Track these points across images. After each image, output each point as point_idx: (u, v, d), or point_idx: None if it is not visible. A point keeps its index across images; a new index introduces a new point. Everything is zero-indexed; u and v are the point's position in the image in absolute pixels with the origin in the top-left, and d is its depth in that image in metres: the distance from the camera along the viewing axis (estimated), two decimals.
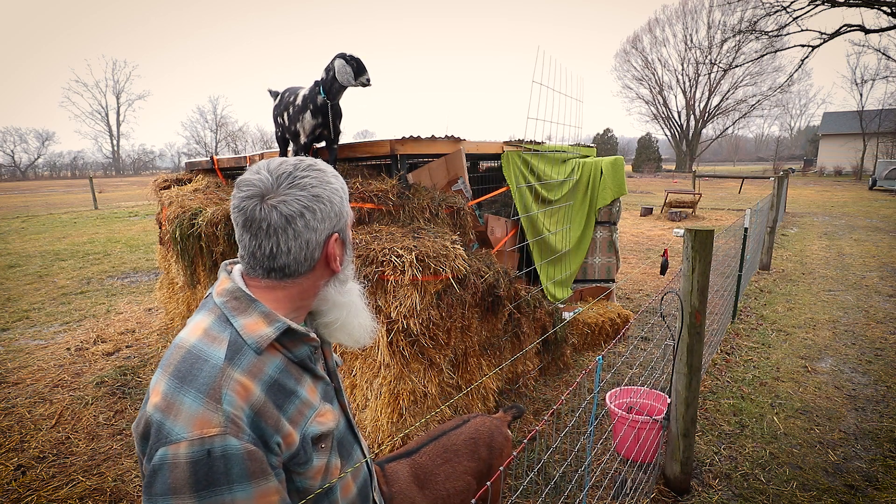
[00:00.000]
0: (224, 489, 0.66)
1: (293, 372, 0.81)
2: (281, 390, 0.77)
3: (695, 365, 2.37)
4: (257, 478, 0.69)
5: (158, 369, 0.75)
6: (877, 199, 18.06)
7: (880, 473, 2.61)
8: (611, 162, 4.67)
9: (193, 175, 5.07)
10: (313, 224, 0.80)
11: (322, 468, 0.82)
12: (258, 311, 0.79)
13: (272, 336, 0.78)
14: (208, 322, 0.79)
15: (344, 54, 2.76)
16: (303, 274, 0.83)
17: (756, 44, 25.10)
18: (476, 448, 1.59)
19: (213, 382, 0.70)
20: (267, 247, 0.79)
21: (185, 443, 0.66)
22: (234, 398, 0.70)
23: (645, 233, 10.78)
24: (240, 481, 0.67)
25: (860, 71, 44.16)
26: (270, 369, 0.77)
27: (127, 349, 4.47)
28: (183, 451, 0.66)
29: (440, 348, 2.70)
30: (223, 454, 0.67)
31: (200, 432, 0.67)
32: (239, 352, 0.75)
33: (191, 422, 0.67)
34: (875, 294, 5.88)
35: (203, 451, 0.66)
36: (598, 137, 46.59)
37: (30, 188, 35.72)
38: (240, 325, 0.78)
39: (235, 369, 0.73)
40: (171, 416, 0.68)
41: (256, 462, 0.69)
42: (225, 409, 0.69)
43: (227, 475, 0.67)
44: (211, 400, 0.69)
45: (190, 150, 60.99)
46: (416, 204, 2.95)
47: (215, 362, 0.73)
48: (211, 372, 0.71)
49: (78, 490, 2.57)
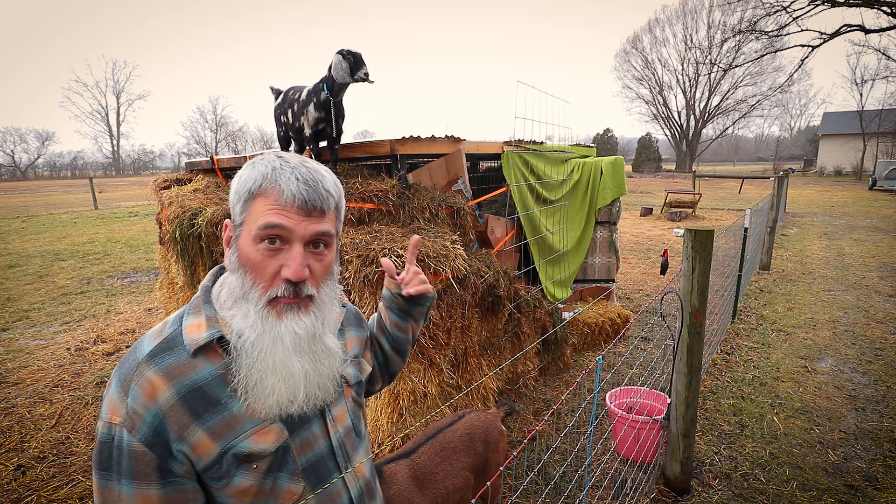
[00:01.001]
0: (115, 477, 0.69)
1: (229, 381, 0.76)
2: (203, 398, 0.73)
3: (695, 365, 2.37)
4: (140, 479, 0.69)
5: None
6: (877, 199, 18.06)
7: (880, 473, 2.61)
8: (611, 162, 4.67)
9: (193, 175, 5.07)
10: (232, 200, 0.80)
11: (250, 489, 0.76)
12: (205, 314, 0.78)
13: (202, 341, 0.75)
14: (173, 316, 0.81)
15: (342, 50, 2.76)
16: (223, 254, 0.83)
17: (756, 44, 25.11)
18: (472, 443, 1.60)
19: (128, 374, 0.72)
20: None
21: (102, 423, 0.71)
22: (139, 395, 0.70)
23: (645, 233, 10.78)
24: (126, 476, 0.69)
25: (860, 71, 44.21)
26: (198, 375, 0.74)
27: (127, 349, 4.47)
28: (101, 429, 0.71)
29: (440, 348, 2.70)
30: (118, 445, 0.69)
31: (110, 418, 0.70)
32: (168, 350, 0.74)
33: (108, 405, 0.72)
34: (875, 294, 5.88)
35: (109, 435, 0.70)
36: (598, 137, 46.60)
37: (30, 188, 35.73)
38: (185, 325, 0.77)
39: (152, 367, 0.72)
40: (105, 395, 0.73)
41: (142, 464, 0.69)
42: (128, 403, 0.70)
43: (118, 465, 0.69)
44: (121, 391, 0.71)
45: (190, 150, 61.07)
46: (416, 204, 2.95)
47: (138, 356, 0.74)
48: (131, 364, 0.73)
49: (78, 490, 2.57)
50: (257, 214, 0.75)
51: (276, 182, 0.75)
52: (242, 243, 0.77)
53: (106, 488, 0.69)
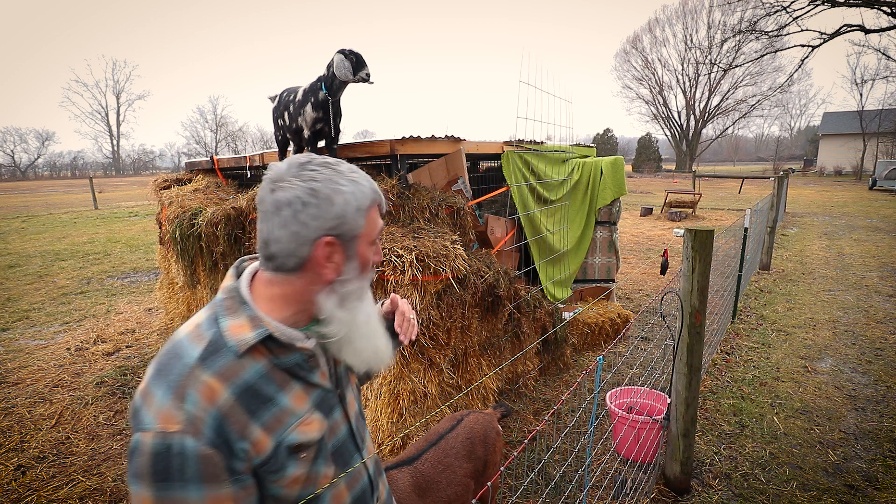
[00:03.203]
0: (178, 486, 0.68)
1: (276, 378, 0.80)
2: (255, 396, 0.76)
3: (695, 365, 2.37)
4: (210, 482, 0.69)
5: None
6: (877, 199, 18.06)
7: (880, 473, 2.61)
8: (611, 162, 4.67)
9: (193, 175, 5.07)
10: (302, 218, 0.78)
11: (300, 477, 0.80)
12: (246, 314, 0.79)
13: (252, 341, 0.77)
14: (202, 318, 0.80)
15: (344, 49, 2.76)
16: (293, 271, 0.81)
17: (756, 44, 25.13)
18: (473, 448, 1.60)
19: (180, 380, 0.71)
20: (264, 231, 0.80)
21: (151, 433, 0.69)
22: (198, 399, 0.71)
23: (645, 233, 10.78)
24: (193, 481, 0.68)
25: (860, 71, 44.17)
26: (248, 374, 0.76)
27: (127, 349, 4.47)
28: (149, 440, 0.68)
29: (440, 348, 2.70)
30: (180, 452, 0.68)
31: (164, 427, 0.68)
32: (216, 353, 0.75)
33: (157, 415, 0.69)
34: (875, 294, 5.88)
35: (164, 445, 0.68)
36: (598, 137, 46.59)
37: (30, 188, 35.73)
38: (225, 326, 0.78)
39: (206, 371, 0.73)
40: (145, 405, 0.71)
41: (211, 466, 0.69)
42: (187, 409, 0.69)
43: (181, 473, 0.68)
44: (176, 398, 0.70)
45: (190, 150, 61.05)
46: (416, 204, 2.95)
47: (187, 361, 0.74)
48: (181, 370, 0.73)
49: (78, 490, 2.57)
50: (374, 221, 0.87)
51: (378, 193, 0.88)
52: (362, 249, 0.86)
53: (167, 499, 0.68)
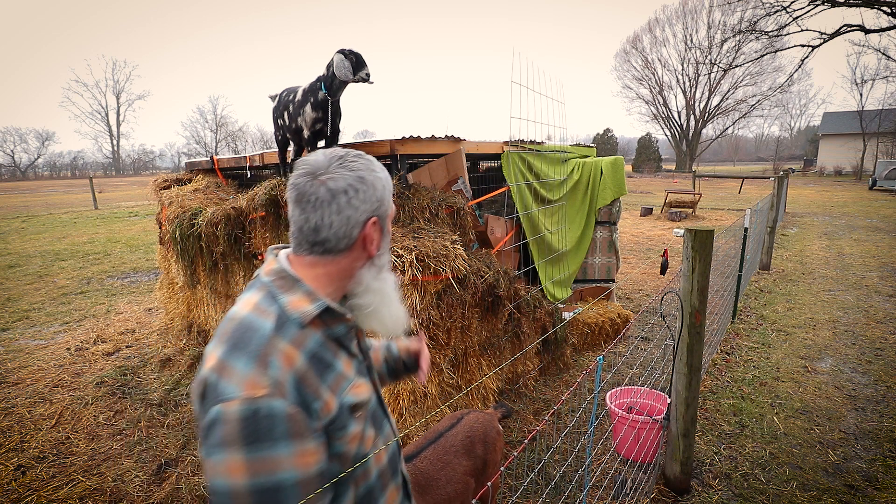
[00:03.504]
0: (268, 445, 0.73)
1: (330, 347, 0.89)
2: (320, 361, 0.85)
3: (695, 365, 2.37)
4: (297, 438, 0.76)
5: (213, 339, 0.83)
6: (877, 199, 18.06)
7: (880, 473, 2.61)
8: (611, 162, 4.67)
9: (193, 175, 5.07)
10: (355, 202, 0.88)
11: (358, 435, 0.89)
12: (302, 290, 0.87)
13: (314, 313, 0.86)
14: (258, 298, 0.87)
15: (343, 49, 2.75)
16: (342, 251, 0.90)
17: (756, 44, 25.12)
18: (472, 447, 1.60)
19: (262, 349, 0.78)
20: (313, 220, 0.87)
21: (237, 401, 0.74)
22: (279, 364, 0.78)
23: (645, 233, 10.78)
24: (282, 439, 0.74)
25: (860, 71, 44.17)
26: (311, 343, 0.85)
27: (127, 349, 4.47)
28: (234, 408, 0.73)
29: (440, 348, 2.71)
30: (268, 414, 0.74)
31: (250, 393, 0.74)
32: (285, 324, 0.83)
33: (242, 383, 0.75)
34: (875, 294, 5.88)
35: (251, 409, 0.73)
36: (598, 137, 46.58)
37: (30, 188, 35.73)
38: (285, 302, 0.85)
39: (282, 339, 0.81)
40: (224, 378, 0.76)
41: (297, 423, 0.77)
42: (271, 374, 0.76)
43: (270, 433, 0.74)
44: (260, 365, 0.77)
45: (190, 150, 61.04)
46: (416, 204, 2.95)
47: (264, 332, 0.81)
48: (260, 340, 0.79)
49: (78, 490, 2.57)
50: (390, 203, 0.98)
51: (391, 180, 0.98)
52: (389, 226, 0.98)
53: (259, 459, 0.73)
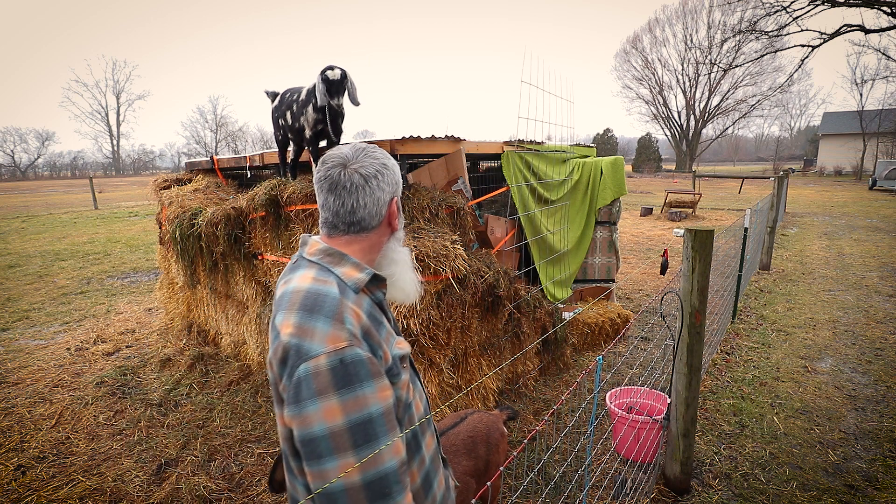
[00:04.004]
0: (357, 386, 0.85)
1: (375, 309, 1.01)
2: (374, 319, 0.98)
3: (695, 365, 2.37)
4: (377, 377, 0.88)
5: (280, 311, 0.93)
6: (877, 199, 18.06)
7: (880, 473, 2.61)
8: (611, 162, 4.67)
9: (193, 175, 5.07)
10: (382, 185, 1.02)
11: (407, 382, 1.01)
12: (350, 262, 1.00)
13: (365, 280, 0.99)
14: (313, 272, 0.97)
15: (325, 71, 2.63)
16: (373, 228, 1.03)
17: (756, 44, 25.14)
18: (474, 447, 1.60)
19: (336, 309, 0.90)
20: (349, 203, 1.00)
21: (324, 356, 0.84)
22: (352, 320, 0.90)
23: (645, 233, 10.78)
24: (367, 379, 0.86)
25: (860, 71, 44.20)
26: (365, 304, 0.98)
27: (127, 349, 4.47)
28: (322, 361, 0.84)
29: (440, 348, 2.71)
30: (352, 360, 0.85)
31: (334, 346, 0.85)
32: (345, 290, 0.96)
33: (325, 339, 0.86)
34: (875, 294, 5.88)
35: (338, 359, 0.84)
36: (598, 137, 46.57)
37: (30, 188, 35.73)
38: (340, 273, 0.98)
39: (347, 301, 0.94)
40: (307, 339, 0.86)
41: (374, 366, 0.88)
42: (348, 328, 0.89)
43: (357, 376, 0.85)
44: (337, 322, 0.88)
45: (190, 150, 61.01)
46: (416, 204, 2.95)
47: (334, 296, 0.93)
48: (333, 303, 0.91)
49: (78, 490, 2.57)
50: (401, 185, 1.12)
51: None
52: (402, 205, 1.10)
53: (351, 399, 0.84)
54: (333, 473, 0.82)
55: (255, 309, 3.64)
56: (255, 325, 3.67)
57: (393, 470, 0.87)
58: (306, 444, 0.84)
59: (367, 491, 0.83)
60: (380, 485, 0.85)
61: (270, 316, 1.00)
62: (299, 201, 3.05)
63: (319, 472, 0.83)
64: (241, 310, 3.90)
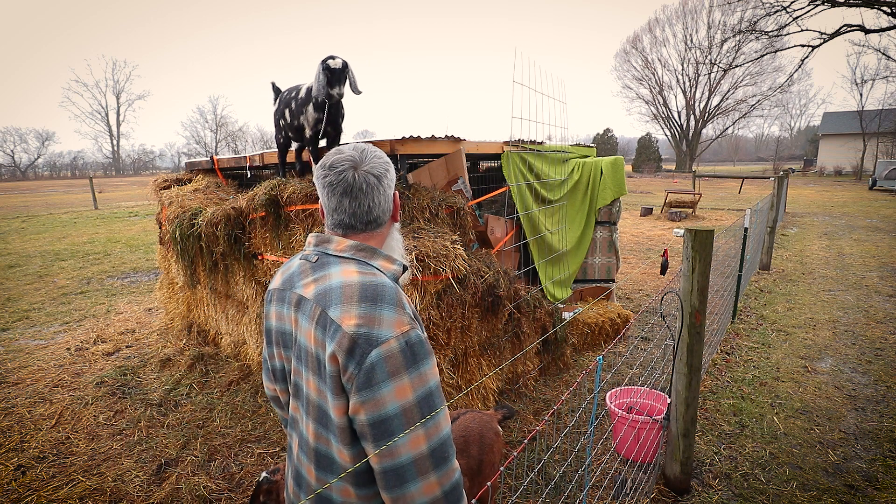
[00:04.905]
0: (421, 363, 0.93)
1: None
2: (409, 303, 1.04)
3: (695, 365, 2.37)
4: (431, 354, 0.97)
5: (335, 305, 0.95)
6: (877, 199, 18.06)
7: (880, 473, 2.61)
8: (611, 162, 4.67)
9: (193, 175, 5.07)
10: (389, 182, 1.08)
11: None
12: (381, 255, 1.06)
13: (399, 270, 1.08)
14: (353, 267, 1.02)
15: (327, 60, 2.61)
16: (385, 222, 1.09)
17: (756, 44, 25.14)
18: (467, 447, 1.60)
19: (396, 297, 0.97)
20: (365, 203, 1.04)
21: (394, 339, 0.91)
22: (408, 306, 0.99)
23: (645, 233, 10.78)
24: (427, 356, 0.95)
25: (860, 71, 44.23)
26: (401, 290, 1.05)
27: (127, 349, 4.47)
28: (394, 345, 0.91)
29: (440, 348, 2.71)
30: (417, 340, 0.94)
31: (400, 330, 0.92)
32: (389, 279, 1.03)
33: (393, 324, 0.93)
34: (875, 294, 5.88)
35: (405, 341, 0.92)
36: (598, 137, 46.56)
37: (30, 188, 35.72)
38: (378, 265, 1.04)
39: (399, 288, 1.01)
40: (376, 325, 0.92)
41: (429, 345, 0.97)
42: (408, 313, 0.97)
43: (420, 354, 0.93)
44: (399, 308, 0.96)
45: (190, 150, 61.00)
46: (416, 204, 2.95)
47: (389, 285, 0.99)
48: (391, 291, 0.98)
49: (78, 490, 2.57)
50: None
51: None
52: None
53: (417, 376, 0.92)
54: (405, 448, 0.89)
55: (255, 309, 3.64)
56: (255, 325, 3.67)
57: (449, 434, 0.96)
58: (378, 424, 0.89)
59: (432, 458, 0.91)
60: (441, 450, 0.92)
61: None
62: (299, 201, 3.05)
63: (390, 449, 0.89)
64: (241, 310, 3.90)
